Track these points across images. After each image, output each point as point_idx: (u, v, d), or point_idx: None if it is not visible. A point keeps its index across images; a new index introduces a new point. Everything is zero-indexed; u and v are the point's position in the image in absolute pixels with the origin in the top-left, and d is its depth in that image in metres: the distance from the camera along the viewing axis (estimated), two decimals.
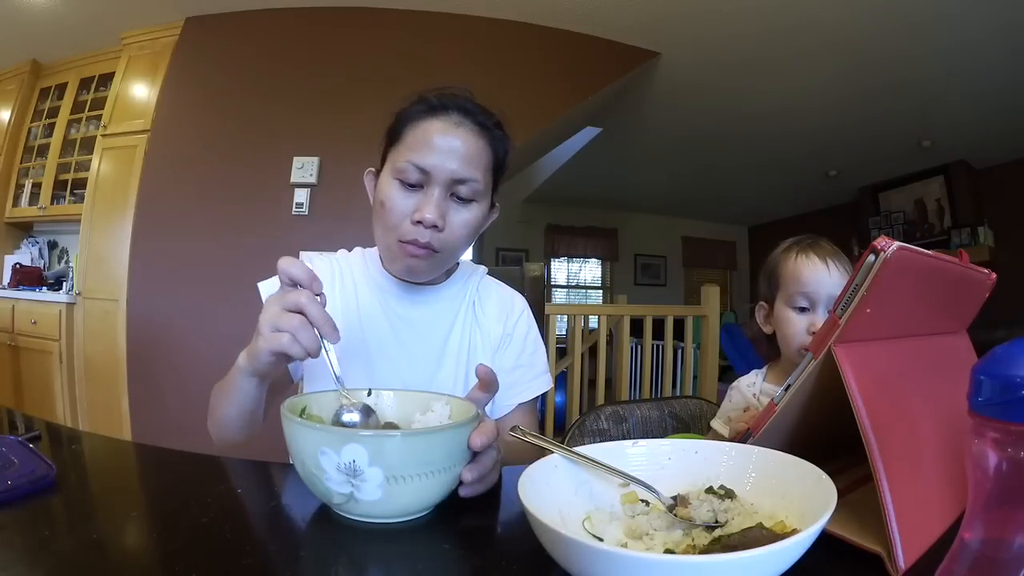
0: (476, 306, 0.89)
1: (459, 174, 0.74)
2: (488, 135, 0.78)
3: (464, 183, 0.75)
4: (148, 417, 2.79)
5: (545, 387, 0.91)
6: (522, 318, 0.92)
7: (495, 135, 0.79)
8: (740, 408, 0.95)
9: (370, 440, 0.43)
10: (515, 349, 0.89)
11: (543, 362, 0.92)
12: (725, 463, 0.47)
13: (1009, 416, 0.28)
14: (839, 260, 0.91)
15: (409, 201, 0.75)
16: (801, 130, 4.33)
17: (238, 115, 2.93)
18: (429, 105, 0.77)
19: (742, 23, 2.97)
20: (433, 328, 0.86)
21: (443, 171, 0.74)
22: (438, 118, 0.76)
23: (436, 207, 0.73)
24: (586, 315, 3.23)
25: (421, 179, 0.74)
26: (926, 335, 0.53)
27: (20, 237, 3.73)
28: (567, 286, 7.21)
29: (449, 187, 0.75)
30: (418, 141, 0.74)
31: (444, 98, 0.77)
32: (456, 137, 0.75)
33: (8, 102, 3.59)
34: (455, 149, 0.74)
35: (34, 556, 0.38)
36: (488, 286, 0.93)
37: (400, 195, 0.75)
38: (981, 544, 0.30)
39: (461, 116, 0.76)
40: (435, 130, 0.75)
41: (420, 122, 0.76)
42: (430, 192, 0.74)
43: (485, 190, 0.78)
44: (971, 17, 2.85)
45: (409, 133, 0.76)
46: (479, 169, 0.76)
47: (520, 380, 0.88)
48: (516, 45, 3.01)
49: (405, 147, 0.75)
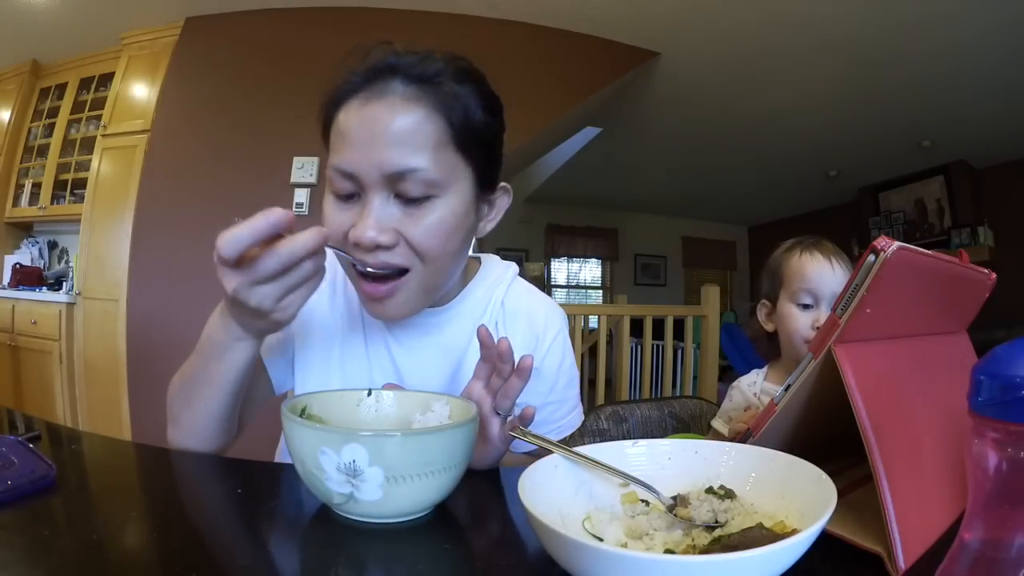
0: (499, 328, 0.71)
1: (390, 166, 0.54)
2: (431, 93, 0.55)
3: (404, 178, 0.54)
4: (148, 417, 2.79)
5: (575, 425, 0.76)
6: (555, 344, 0.73)
7: (442, 92, 0.56)
8: (741, 407, 0.95)
9: (370, 440, 0.43)
10: (545, 385, 0.72)
11: (575, 396, 0.77)
12: (725, 463, 0.47)
13: (1009, 416, 0.28)
14: (842, 259, 0.93)
15: (345, 216, 0.57)
16: (801, 130, 4.33)
17: (238, 115, 2.93)
18: (343, 86, 0.57)
19: (742, 23, 2.97)
20: (440, 362, 0.69)
21: (369, 168, 0.54)
22: (356, 97, 0.55)
23: (374, 221, 0.54)
24: (586, 315, 3.24)
25: (352, 186, 0.56)
26: (926, 335, 0.53)
27: (20, 237, 3.74)
28: (567, 286, 7.21)
29: (388, 187, 0.55)
30: (337, 136, 0.56)
31: (364, 64, 0.56)
32: (377, 113, 0.54)
33: (8, 102, 3.59)
34: (378, 133, 0.53)
35: (34, 556, 0.38)
36: (517, 299, 0.74)
37: (335, 210, 0.57)
38: (981, 544, 0.30)
39: (383, 81, 0.55)
40: (351, 114, 0.55)
41: (339, 111, 0.57)
42: (364, 201, 0.56)
43: (446, 176, 0.56)
44: (971, 16, 2.85)
45: (332, 126, 0.58)
46: (423, 149, 0.54)
47: (549, 419, 0.73)
48: (516, 45, 3.01)
49: (331, 148, 0.58)
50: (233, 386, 0.57)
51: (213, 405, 0.57)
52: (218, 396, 0.57)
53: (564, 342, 0.75)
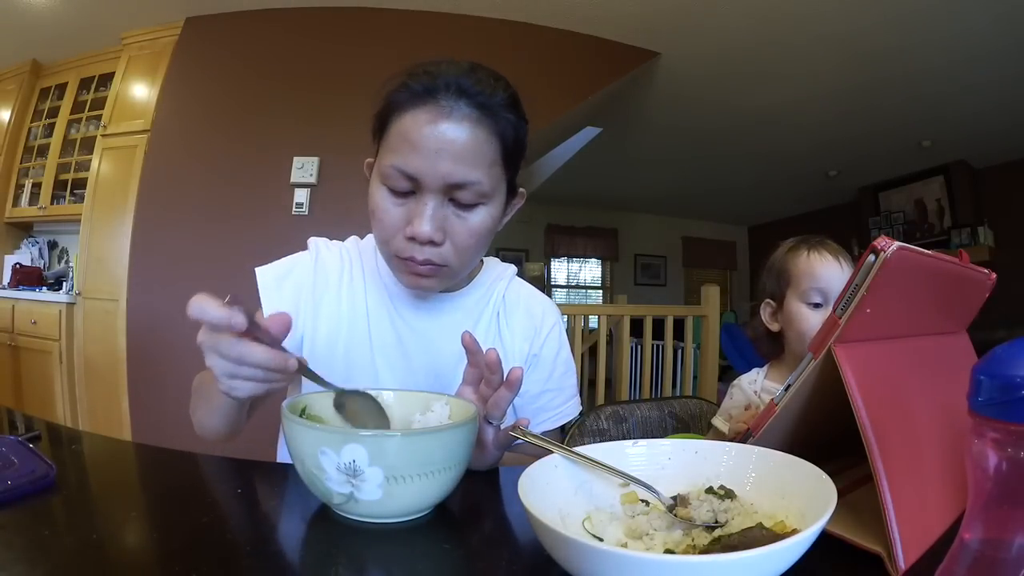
0: (501, 318, 0.78)
1: (454, 177, 0.61)
2: (491, 119, 0.63)
3: (463, 188, 0.62)
4: (148, 417, 2.79)
5: (574, 413, 0.81)
6: (552, 335, 0.80)
7: (500, 119, 0.64)
8: (741, 405, 0.95)
9: (370, 440, 0.43)
10: (543, 372, 0.79)
11: (573, 384, 0.82)
12: (725, 463, 0.47)
13: (1009, 416, 0.28)
14: (847, 258, 0.93)
15: (400, 210, 0.64)
16: (801, 128, 4.33)
17: (238, 115, 2.93)
18: (412, 91, 0.62)
19: (742, 23, 2.97)
20: (446, 343, 0.74)
21: (434, 177, 0.61)
22: (424, 107, 0.61)
23: (430, 220, 0.62)
24: (586, 315, 3.24)
25: (410, 186, 0.62)
26: (926, 335, 0.53)
27: (20, 237, 3.74)
28: (567, 286, 7.21)
29: (446, 192, 0.63)
30: (401, 140, 0.62)
31: (431, 78, 0.62)
32: (447, 131, 0.60)
33: (8, 102, 3.59)
34: (446, 147, 0.60)
35: (34, 556, 0.38)
36: (516, 294, 0.81)
37: (390, 204, 0.64)
38: (981, 544, 0.30)
39: (454, 99, 0.61)
40: (421, 123, 0.61)
41: (404, 113, 0.62)
42: (422, 201, 0.62)
43: (494, 188, 0.65)
44: (971, 16, 2.85)
45: (392, 126, 0.63)
46: (481, 166, 0.62)
47: (548, 406, 0.79)
48: (516, 45, 3.00)
49: (389, 147, 0.63)
50: (230, 412, 0.63)
51: (216, 420, 0.64)
52: (221, 411, 0.63)
53: (560, 334, 0.82)
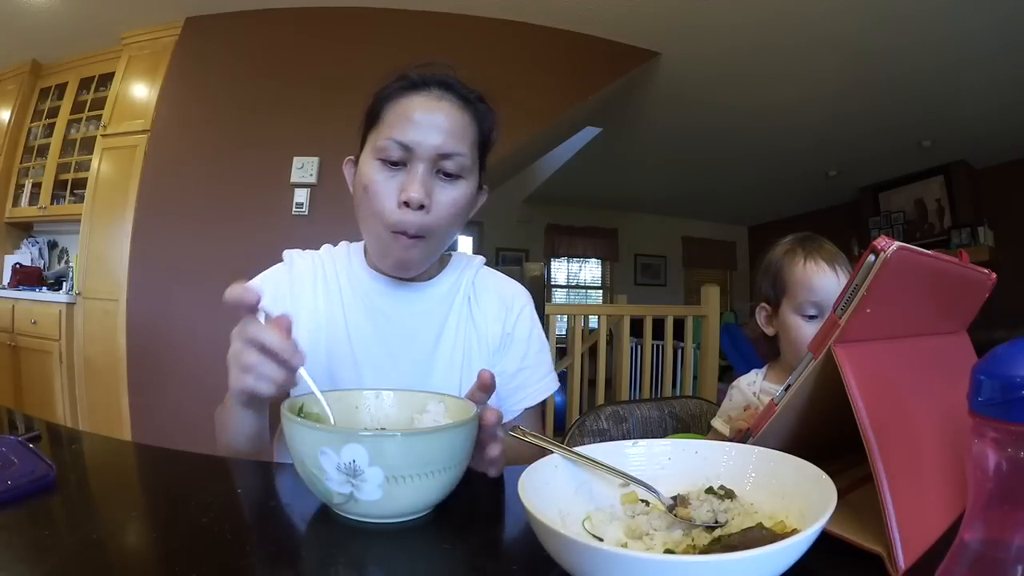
0: (472, 302, 0.83)
1: (444, 148, 0.71)
2: (472, 109, 0.75)
3: (450, 157, 0.71)
4: (148, 417, 2.79)
5: (552, 388, 0.86)
6: (523, 315, 0.85)
7: (479, 109, 0.76)
8: (740, 407, 0.95)
9: (370, 440, 0.43)
10: (518, 351, 0.84)
11: (548, 362, 0.87)
12: (725, 463, 0.47)
13: (1009, 416, 0.28)
14: (842, 264, 0.92)
15: (392, 182, 0.71)
16: (801, 130, 4.33)
17: (238, 115, 2.93)
18: (409, 82, 0.74)
19: (742, 23, 2.97)
20: (422, 329, 0.80)
21: (426, 146, 0.70)
22: (419, 93, 0.73)
23: (421, 184, 0.70)
24: (586, 315, 3.23)
25: (403, 156, 0.71)
26: (926, 335, 0.53)
27: (20, 237, 3.73)
28: (567, 286, 7.21)
29: (434, 163, 0.71)
30: (399, 117, 0.71)
31: (424, 74, 0.75)
32: (438, 111, 0.72)
33: (8, 102, 3.59)
34: (438, 123, 0.71)
35: (34, 556, 0.38)
36: (485, 280, 0.87)
37: (382, 175, 0.71)
38: (981, 544, 0.30)
39: (442, 90, 0.74)
40: (416, 105, 0.72)
41: (400, 99, 0.73)
42: (414, 169, 0.70)
43: (472, 166, 0.75)
44: (971, 16, 2.85)
45: (389, 111, 0.73)
46: (464, 143, 0.73)
47: (525, 383, 0.83)
48: (516, 45, 3.00)
49: (386, 125, 0.72)
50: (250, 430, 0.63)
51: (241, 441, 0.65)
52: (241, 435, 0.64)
53: (532, 314, 0.87)
